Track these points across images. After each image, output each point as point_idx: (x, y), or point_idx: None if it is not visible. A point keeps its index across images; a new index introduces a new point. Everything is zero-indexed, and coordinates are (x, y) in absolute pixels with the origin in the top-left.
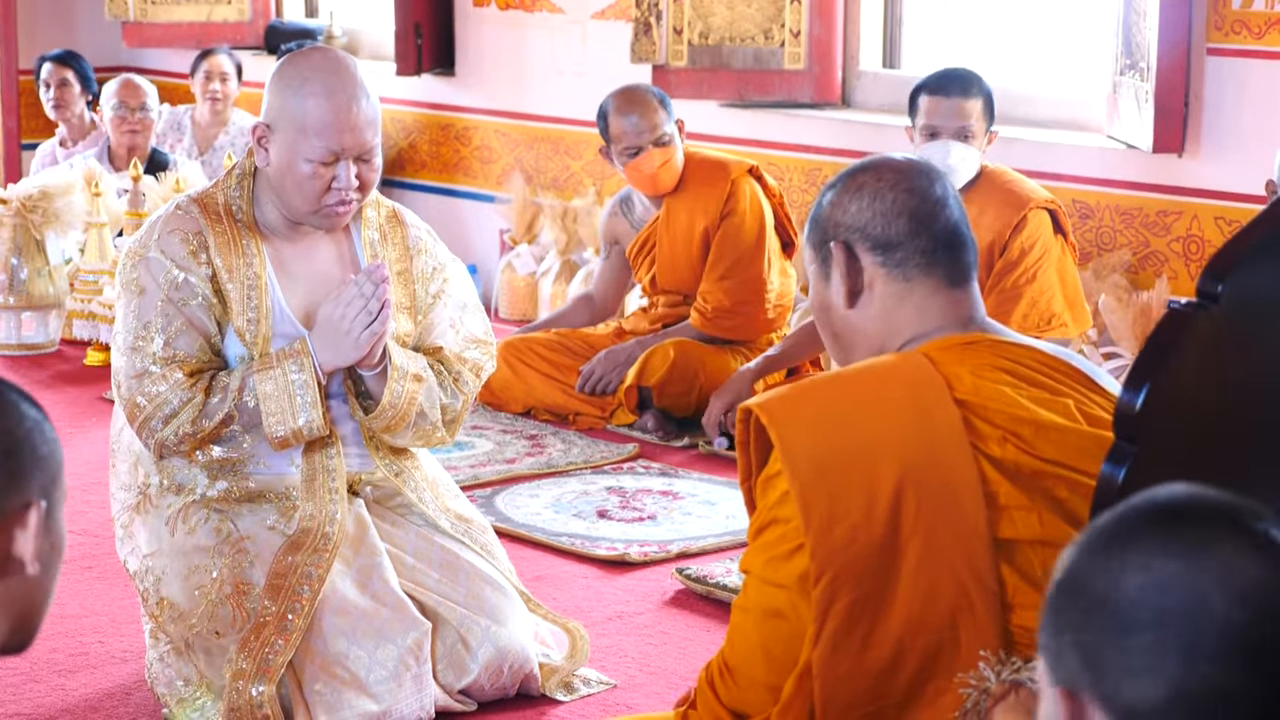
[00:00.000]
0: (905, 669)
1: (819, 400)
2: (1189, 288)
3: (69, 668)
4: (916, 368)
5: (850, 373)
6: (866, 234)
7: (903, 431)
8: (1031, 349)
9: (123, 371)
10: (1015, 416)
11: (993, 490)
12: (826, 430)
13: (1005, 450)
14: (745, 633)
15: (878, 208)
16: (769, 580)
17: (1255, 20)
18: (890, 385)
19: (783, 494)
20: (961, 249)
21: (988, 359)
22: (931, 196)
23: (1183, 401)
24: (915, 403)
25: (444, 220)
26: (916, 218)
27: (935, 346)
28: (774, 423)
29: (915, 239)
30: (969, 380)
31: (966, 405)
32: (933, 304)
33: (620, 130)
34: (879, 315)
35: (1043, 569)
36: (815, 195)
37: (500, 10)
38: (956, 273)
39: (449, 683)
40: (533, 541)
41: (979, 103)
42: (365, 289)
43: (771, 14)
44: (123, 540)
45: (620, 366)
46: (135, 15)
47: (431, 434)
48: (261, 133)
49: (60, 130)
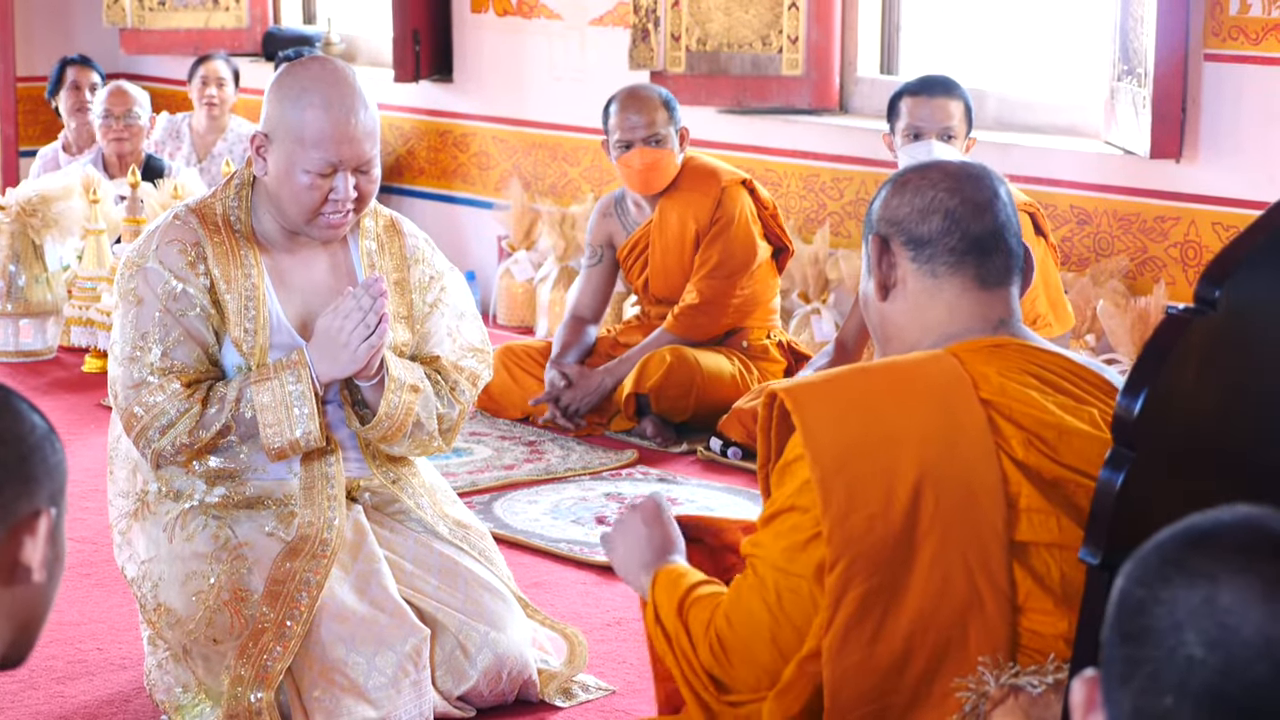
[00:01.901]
0: (913, 666)
1: (845, 391)
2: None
3: (67, 675)
4: (944, 366)
5: (878, 366)
6: (903, 229)
7: (926, 428)
8: (1060, 356)
9: (120, 381)
10: (1040, 420)
11: (1014, 492)
12: (850, 421)
13: (1029, 453)
14: (752, 615)
15: (916, 204)
16: (785, 569)
17: (1252, 26)
18: (917, 381)
19: (803, 482)
20: (995, 253)
21: (1015, 362)
22: (975, 200)
23: (1181, 407)
24: (941, 400)
25: (442, 227)
26: (952, 218)
27: (963, 347)
28: (799, 408)
29: (946, 237)
30: (996, 381)
31: (992, 405)
32: (962, 304)
33: (616, 122)
34: (911, 310)
35: (1057, 574)
36: (813, 201)
37: (498, 16)
38: (988, 275)
39: (448, 689)
40: (531, 547)
41: (960, 105)
42: (363, 302)
43: (769, 20)
44: (121, 547)
45: (590, 396)
46: (133, 22)
47: (428, 443)
48: (260, 142)
49: (64, 135)
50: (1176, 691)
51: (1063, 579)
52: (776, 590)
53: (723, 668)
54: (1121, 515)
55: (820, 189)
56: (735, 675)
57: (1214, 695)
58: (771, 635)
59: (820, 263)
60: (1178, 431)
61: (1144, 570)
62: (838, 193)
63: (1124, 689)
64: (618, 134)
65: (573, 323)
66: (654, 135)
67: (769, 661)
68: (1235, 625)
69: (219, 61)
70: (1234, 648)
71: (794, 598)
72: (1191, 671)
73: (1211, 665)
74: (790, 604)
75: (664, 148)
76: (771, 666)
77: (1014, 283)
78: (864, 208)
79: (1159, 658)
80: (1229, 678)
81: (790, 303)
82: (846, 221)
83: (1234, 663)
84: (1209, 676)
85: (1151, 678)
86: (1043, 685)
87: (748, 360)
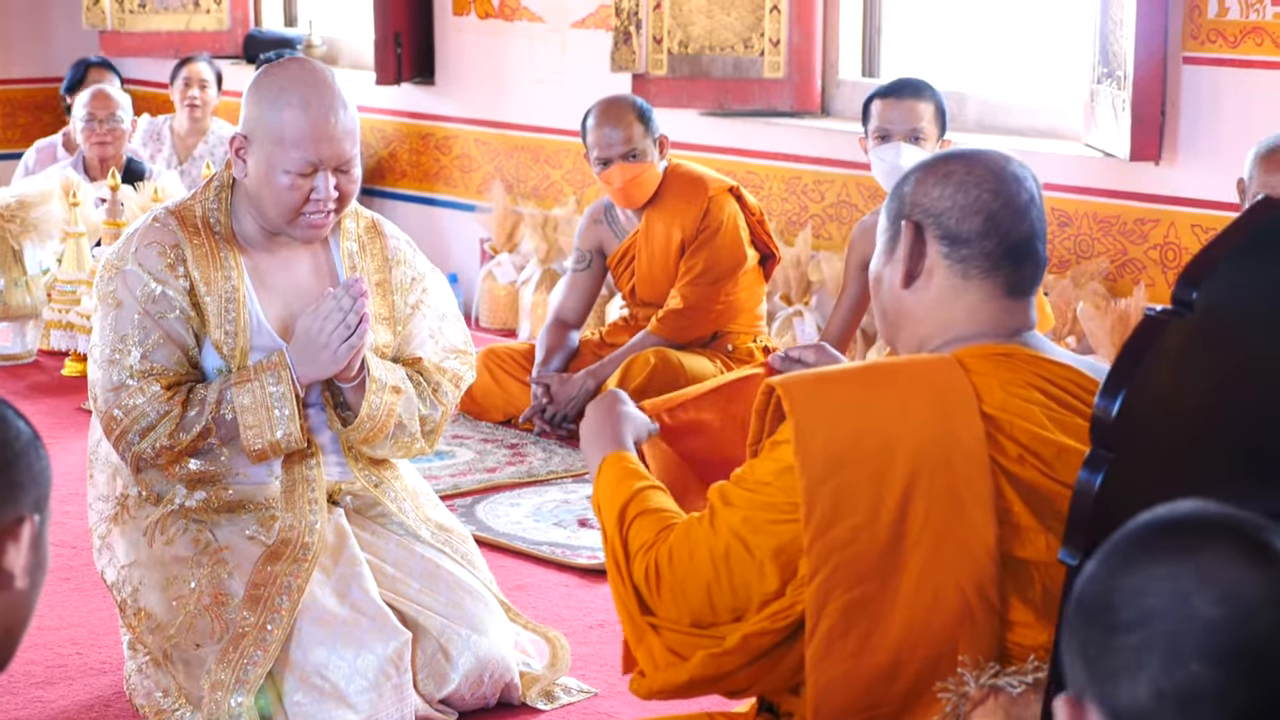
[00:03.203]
0: (902, 679)
1: (842, 392)
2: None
3: (47, 679)
4: (948, 374)
5: (879, 368)
6: (940, 222)
7: (921, 436)
8: (1069, 369)
9: (99, 384)
10: (1038, 437)
11: (1006, 506)
12: (844, 426)
13: (1024, 469)
14: (695, 563)
15: (958, 199)
16: (743, 536)
17: (1230, 29)
18: (918, 388)
19: (787, 466)
20: (1027, 262)
21: (1022, 374)
22: (1015, 204)
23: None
24: (940, 410)
25: (424, 229)
26: (993, 220)
27: (971, 353)
28: (794, 407)
29: (984, 240)
30: (999, 394)
31: (991, 420)
32: (986, 309)
33: (593, 140)
34: (932, 304)
35: (1040, 588)
36: (795, 203)
37: (480, 19)
38: (1017, 284)
39: (429, 692)
40: (513, 550)
41: (930, 107)
42: (344, 303)
43: (751, 23)
44: (100, 551)
45: (575, 400)
46: (113, 24)
47: (410, 445)
48: (239, 144)
49: (65, 131)
50: (1200, 656)
51: (1044, 592)
52: (727, 550)
53: (650, 591)
54: (1100, 516)
55: (802, 191)
56: (660, 604)
57: (1237, 650)
58: (707, 587)
59: (802, 265)
60: (1156, 432)
61: (1118, 563)
62: (819, 195)
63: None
64: (596, 151)
65: (556, 326)
66: (631, 151)
67: (697, 607)
68: (1237, 583)
69: (202, 63)
70: (1242, 603)
71: (741, 564)
72: (1212, 634)
73: (1229, 623)
74: (737, 567)
75: (643, 161)
76: (697, 611)
77: (1036, 291)
78: (846, 210)
79: (1174, 631)
80: (1245, 631)
81: (773, 305)
82: (828, 224)
83: (1249, 615)
84: (1228, 634)
85: (1172, 653)
86: (1022, 685)
87: (731, 364)
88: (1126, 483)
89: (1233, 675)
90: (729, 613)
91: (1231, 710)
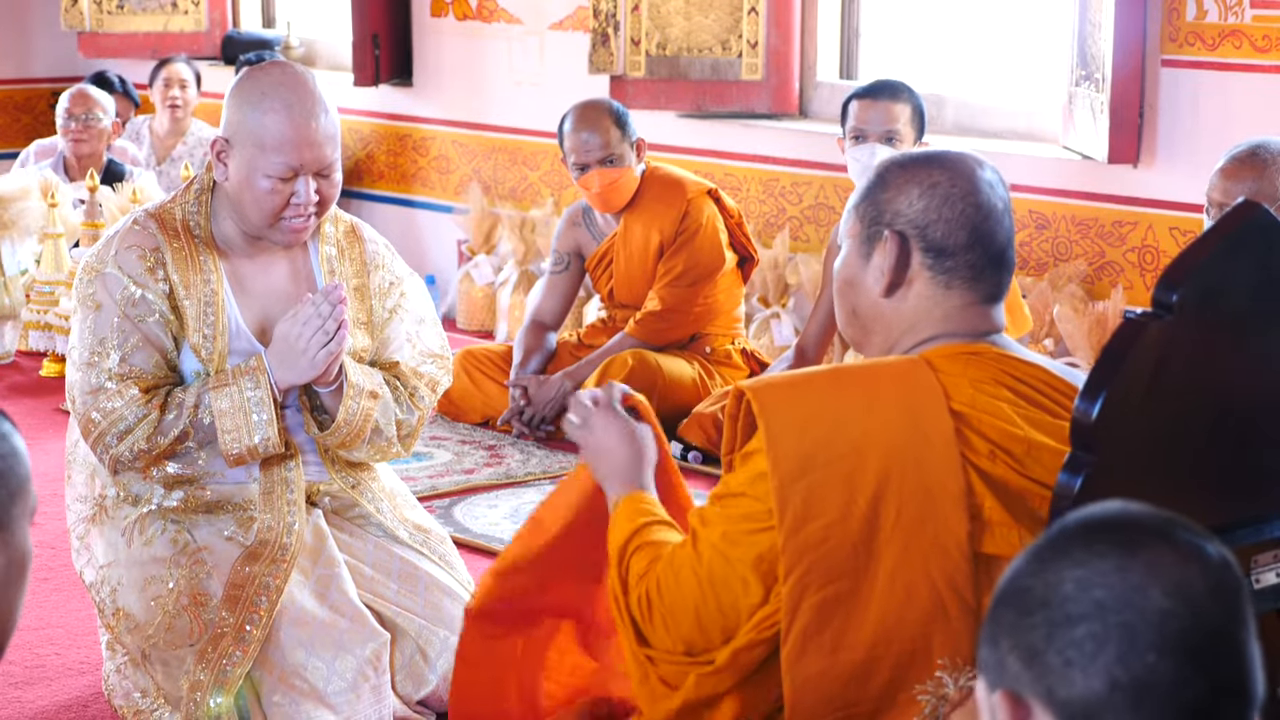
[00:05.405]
0: (878, 676)
1: (812, 395)
2: (1145, 298)
3: (25, 680)
4: (916, 374)
5: (848, 371)
6: (925, 235)
7: (891, 436)
8: (1038, 368)
9: (78, 387)
10: (1008, 433)
11: (978, 503)
12: (814, 428)
13: (995, 465)
14: (681, 587)
15: (944, 213)
16: (724, 552)
17: (1208, 32)
18: (886, 389)
19: (760, 474)
20: (1005, 269)
21: (991, 372)
22: (994, 215)
23: (1138, 411)
24: (909, 409)
25: (401, 231)
26: (977, 233)
27: (939, 353)
28: (764, 411)
29: (969, 253)
30: (967, 392)
31: (961, 417)
32: (961, 315)
33: (570, 146)
34: (910, 312)
35: None
36: (773, 205)
37: (458, 21)
38: (996, 290)
39: (408, 693)
40: (491, 552)
41: (907, 109)
42: (322, 309)
43: (729, 25)
44: (79, 551)
45: (553, 401)
46: (91, 25)
47: (387, 449)
48: (220, 148)
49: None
50: (1156, 647)
51: None
52: (710, 568)
53: (644, 622)
54: None
55: (780, 193)
56: (654, 633)
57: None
58: (695, 610)
59: (780, 267)
60: (1135, 434)
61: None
62: (797, 197)
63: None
64: (573, 156)
65: (533, 328)
66: (609, 156)
67: (688, 632)
68: (1185, 576)
69: (181, 64)
70: (1193, 596)
71: (725, 581)
72: (1167, 625)
73: (1182, 614)
74: (721, 585)
75: (620, 166)
76: (689, 636)
77: (1005, 295)
78: (824, 212)
79: (1128, 621)
80: (1197, 622)
81: (750, 307)
82: (806, 226)
83: (1199, 608)
84: (1182, 625)
85: (1128, 643)
86: None
87: (709, 365)
88: (1106, 485)
89: (1187, 665)
90: (720, 634)
91: (1184, 700)
